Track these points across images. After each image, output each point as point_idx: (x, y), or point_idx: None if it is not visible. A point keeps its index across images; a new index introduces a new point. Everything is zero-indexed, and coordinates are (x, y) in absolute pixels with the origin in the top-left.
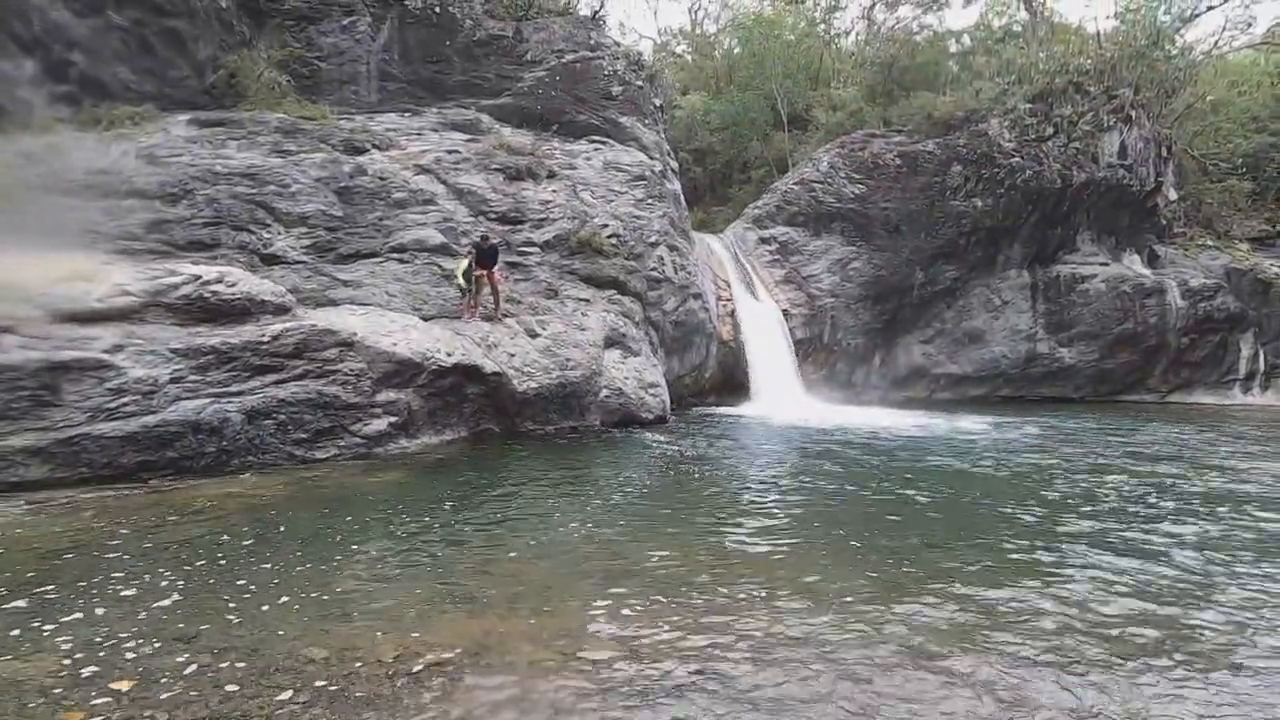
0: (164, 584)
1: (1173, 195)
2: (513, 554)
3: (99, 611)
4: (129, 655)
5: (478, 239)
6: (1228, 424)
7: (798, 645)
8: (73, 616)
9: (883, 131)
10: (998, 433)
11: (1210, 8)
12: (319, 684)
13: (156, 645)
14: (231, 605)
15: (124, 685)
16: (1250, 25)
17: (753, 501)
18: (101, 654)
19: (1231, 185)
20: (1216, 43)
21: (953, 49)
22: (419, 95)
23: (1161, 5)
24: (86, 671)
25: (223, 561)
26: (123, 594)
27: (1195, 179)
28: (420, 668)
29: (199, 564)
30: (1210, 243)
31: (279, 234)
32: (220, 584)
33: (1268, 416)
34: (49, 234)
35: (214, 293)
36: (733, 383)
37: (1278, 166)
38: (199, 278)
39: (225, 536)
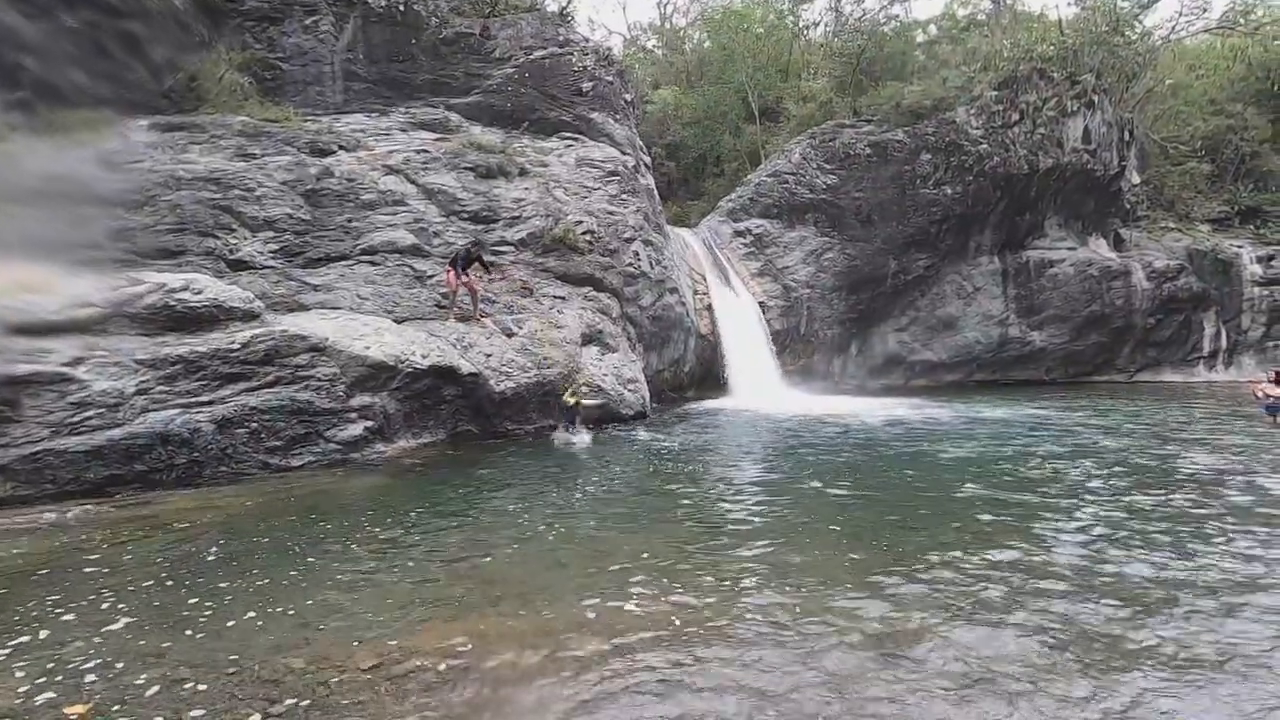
0: (130, 602)
1: (1135, 179)
2: (491, 556)
3: (60, 633)
4: (89, 678)
5: (471, 246)
6: (1195, 400)
7: (780, 633)
8: (32, 639)
9: (852, 122)
10: (972, 416)
11: None
12: (294, 696)
13: (119, 667)
14: (201, 620)
15: (79, 710)
16: (1206, 10)
17: (732, 493)
18: (59, 678)
19: (1191, 168)
20: (1174, 28)
21: (919, 39)
22: (385, 95)
23: None
24: (42, 698)
25: (193, 575)
26: (85, 614)
27: (1157, 162)
28: (401, 673)
29: (167, 579)
30: (1172, 225)
31: (246, 239)
32: (190, 599)
33: (1230, 392)
34: (2, 245)
35: (180, 300)
36: (711, 376)
37: (1235, 148)
38: (164, 285)
39: (196, 549)
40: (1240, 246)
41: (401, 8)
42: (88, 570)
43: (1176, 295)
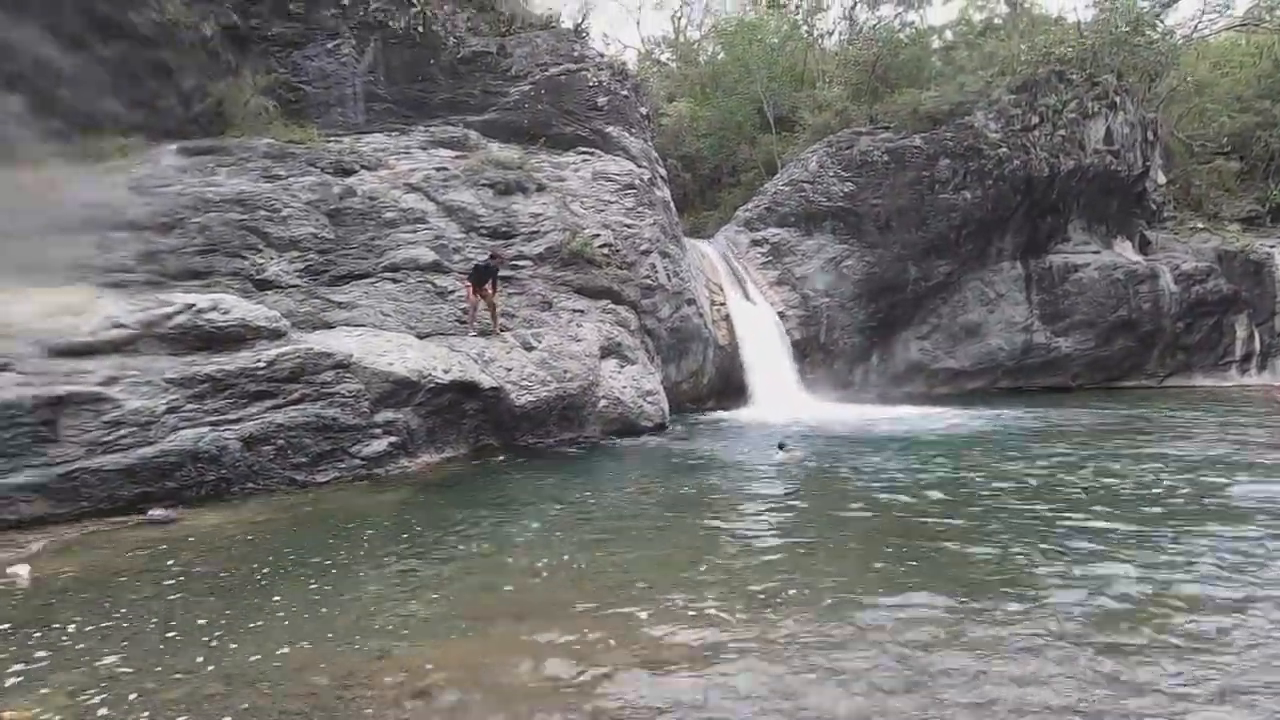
0: (162, 618)
1: (1161, 179)
2: (516, 571)
3: (97, 648)
4: (131, 696)
5: (490, 259)
6: (1225, 405)
7: (808, 654)
8: (75, 653)
9: (869, 129)
10: (997, 425)
11: None
12: (321, 713)
13: (147, 685)
14: (234, 635)
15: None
16: (1229, 8)
17: (755, 506)
18: (106, 686)
19: (1219, 165)
20: (1196, 26)
21: (935, 45)
22: (406, 114)
23: None
24: (97, 716)
25: (221, 591)
26: (120, 629)
27: (1183, 161)
28: (425, 690)
29: (197, 595)
30: (1200, 225)
31: (272, 259)
32: (219, 615)
33: (1268, 396)
34: (41, 269)
35: (208, 320)
36: (731, 386)
37: (1264, 145)
38: (192, 306)
39: (224, 566)
40: (1272, 246)
41: (420, 29)
42: (115, 586)
43: (1206, 298)
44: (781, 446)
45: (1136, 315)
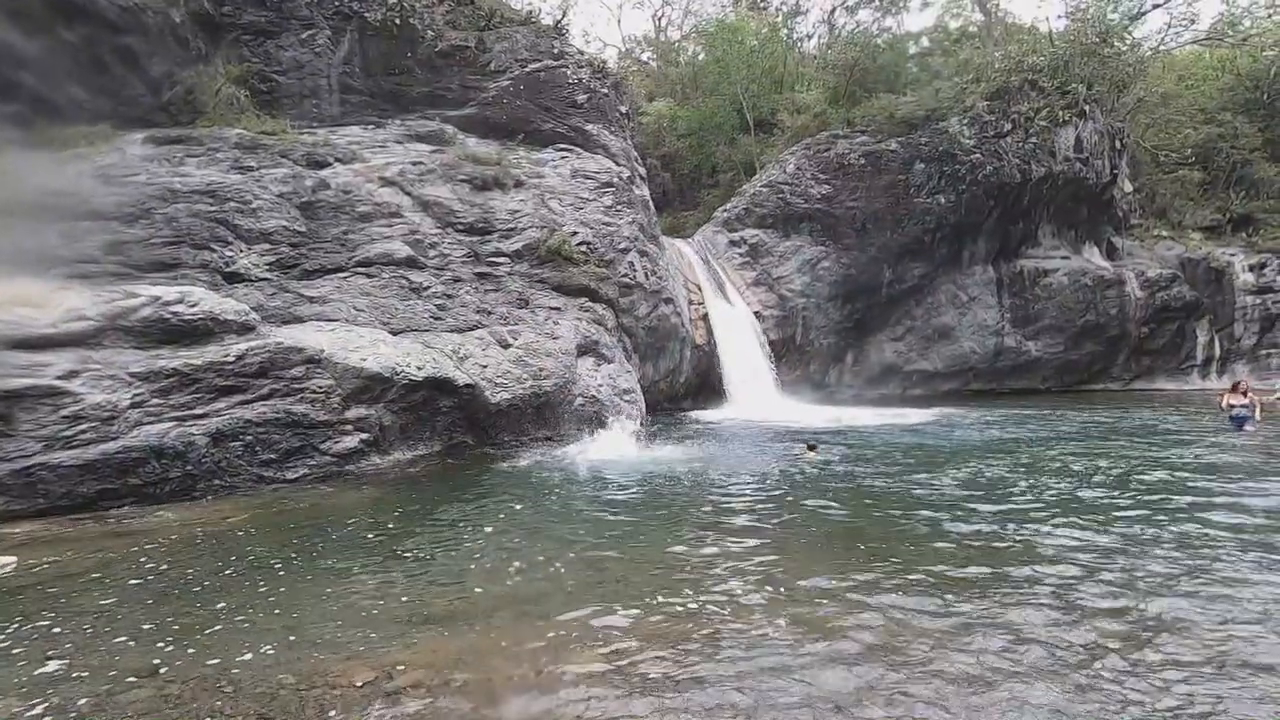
0: (118, 619)
1: (1128, 187)
2: (487, 570)
3: (53, 648)
4: (80, 700)
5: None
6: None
7: (773, 645)
8: (25, 654)
9: (846, 132)
10: (963, 427)
11: (1155, 5)
12: (288, 714)
13: (106, 686)
14: (194, 637)
15: None
16: (1194, 22)
17: (724, 503)
18: (52, 692)
19: (1183, 175)
20: (1163, 39)
21: (912, 50)
22: (382, 107)
23: (1110, 4)
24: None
25: (183, 592)
26: (77, 631)
27: (1149, 171)
28: (395, 689)
29: (156, 596)
30: (1165, 233)
31: (241, 252)
32: (179, 616)
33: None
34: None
35: (175, 313)
36: (708, 386)
37: (1226, 156)
38: (159, 299)
39: (186, 565)
40: (1233, 255)
41: (397, 21)
42: (75, 587)
43: (1169, 304)
44: (812, 448)
45: (1104, 320)
